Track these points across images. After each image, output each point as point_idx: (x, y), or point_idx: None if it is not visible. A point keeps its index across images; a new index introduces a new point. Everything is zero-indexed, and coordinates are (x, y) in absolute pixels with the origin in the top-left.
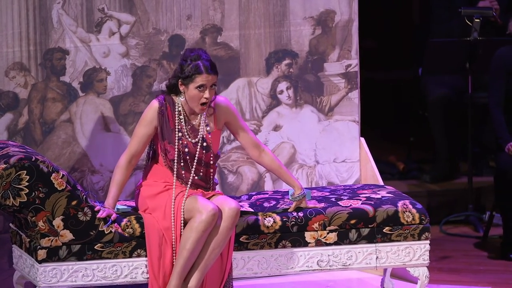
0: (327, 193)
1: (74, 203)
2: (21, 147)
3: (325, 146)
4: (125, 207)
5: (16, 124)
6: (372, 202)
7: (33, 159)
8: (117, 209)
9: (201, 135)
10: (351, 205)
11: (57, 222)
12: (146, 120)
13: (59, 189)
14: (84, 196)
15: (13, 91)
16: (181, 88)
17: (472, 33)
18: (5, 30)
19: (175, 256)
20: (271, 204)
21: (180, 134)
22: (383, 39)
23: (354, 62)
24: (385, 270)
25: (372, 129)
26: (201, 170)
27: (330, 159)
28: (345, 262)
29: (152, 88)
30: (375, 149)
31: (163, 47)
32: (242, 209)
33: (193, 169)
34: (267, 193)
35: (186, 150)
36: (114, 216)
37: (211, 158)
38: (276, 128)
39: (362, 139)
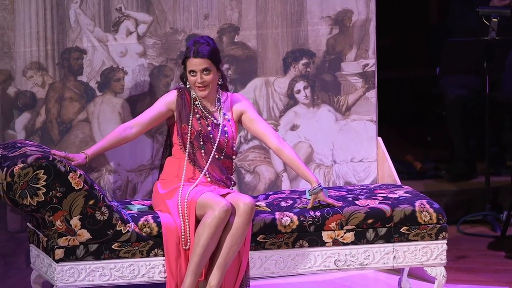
0: (344, 193)
1: (91, 202)
2: (38, 146)
3: (342, 145)
4: (143, 206)
5: (33, 124)
6: (389, 202)
7: (51, 158)
8: (138, 208)
9: (221, 119)
10: (368, 204)
11: (75, 221)
12: (163, 99)
13: (76, 188)
14: (102, 196)
15: (31, 91)
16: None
17: (489, 33)
18: (22, 29)
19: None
20: (288, 204)
21: (198, 115)
22: (401, 39)
23: (371, 61)
24: (402, 269)
25: (389, 128)
26: (220, 157)
27: (347, 158)
28: (362, 262)
29: (169, 88)
30: (392, 149)
31: (181, 47)
32: (259, 208)
33: (215, 146)
34: (284, 193)
35: (209, 128)
36: (76, 162)
37: (231, 149)
38: (293, 127)
39: (379, 138)
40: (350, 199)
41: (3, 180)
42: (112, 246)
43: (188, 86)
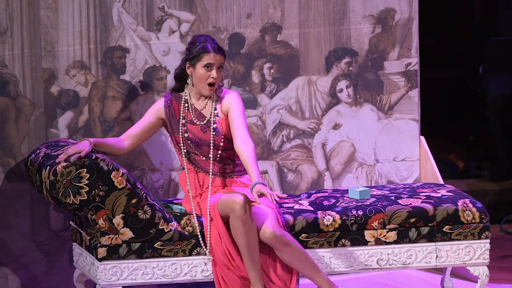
0: (387, 192)
1: (134, 201)
2: None
3: (385, 144)
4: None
5: (76, 122)
6: (432, 201)
7: (93, 157)
8: (180, 208)
9: (208, 118)
10: (410, 203)
11: (117, 220)
12: (152, 109)
13: (119, 187)
14: (144, 194)
15: (74, 89)
16: (189, 70)
17: None
18: (65, 28)
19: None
20: (331, 203)
21: (184, 121)
22: (444, 37)
23: (414, 60)
24: (445, 269)
25: (432, 127)
26: (218, 154)
27: (389, 157)
28: (405, 261)
29: None
30: (435, 148)
31: (223, 46)
32: (301, 207)
33: (211, 154)
34: (327, 192)
35: (189, 135)
36: (84, 153)
37: (222, 141)
38: (336, 126)
39: (422, 137)
40: (393, 198)
41: (46, 179)
42: (155, 245)
43: (186, 86)
